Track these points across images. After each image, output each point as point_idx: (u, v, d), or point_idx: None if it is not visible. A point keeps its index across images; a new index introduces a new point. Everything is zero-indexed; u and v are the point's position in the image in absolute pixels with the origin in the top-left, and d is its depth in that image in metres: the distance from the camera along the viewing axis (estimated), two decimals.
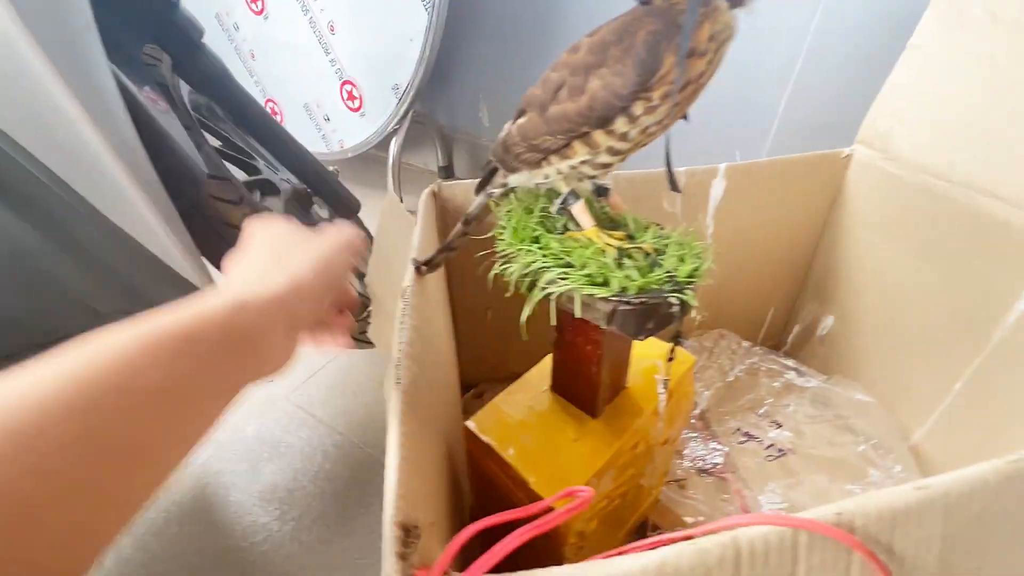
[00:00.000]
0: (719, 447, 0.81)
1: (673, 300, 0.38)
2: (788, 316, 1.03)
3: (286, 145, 0.89)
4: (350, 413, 0.97)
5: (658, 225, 0.47)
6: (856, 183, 0.85)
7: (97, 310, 0.57)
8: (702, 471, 0.80)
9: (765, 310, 0.99)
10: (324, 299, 0.34)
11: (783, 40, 1.12)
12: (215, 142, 0.85)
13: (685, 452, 0.81)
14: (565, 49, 0.39)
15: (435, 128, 1.73)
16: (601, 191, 0.47)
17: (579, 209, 0.42)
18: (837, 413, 0.84)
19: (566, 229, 0.44)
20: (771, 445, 0.82)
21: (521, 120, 0.40)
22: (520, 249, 0.42)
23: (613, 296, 0.37)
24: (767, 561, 0.29)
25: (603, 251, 0.40)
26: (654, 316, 0.38)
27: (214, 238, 0.69)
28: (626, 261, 0.40)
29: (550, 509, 0.32)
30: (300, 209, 0.97)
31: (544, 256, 0.41)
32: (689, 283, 0.39)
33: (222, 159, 0.78)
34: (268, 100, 1.70)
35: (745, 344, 0.96)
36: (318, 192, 0.99)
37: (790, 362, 0.93)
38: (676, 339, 0.41)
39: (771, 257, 0.93)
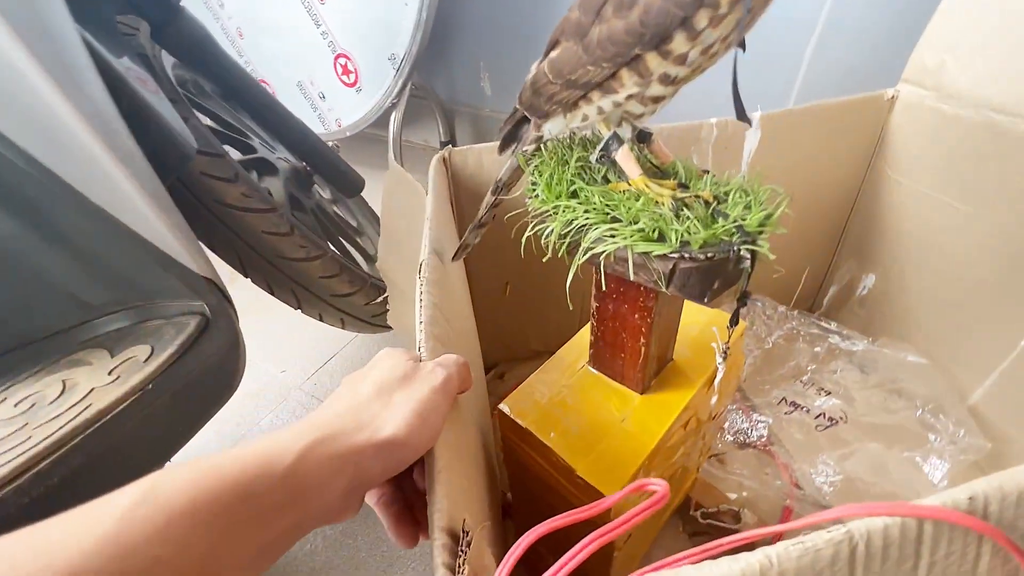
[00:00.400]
0: (762, 419, 0.76)
1: (744, 253, 0.32)
2: (824, 276, 0.97)
3: (282, 120, 0.83)
4: None
5: (708, 172, 0.41)
6: (901, 127, 0.78)
7: (88, 303, 0.53)
8: (744, 445, 0.75)
9: (800, 270, 0.93)
10: (407, 461, 0.29)
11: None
12: (205, 121, 0.79)
13: (725, 426, 0.77)
14: None
15: (435, 102, 1.65)
16: (643, 136, 0.41)
17: (624, 155, 0.36)
18: (888, 377, 0.78)
19: (607, 180, 0.39)
20: (820, 415, 0.76)
21: (554, 53, 0.34)
22: (557, 206, 0.36)
23: (673, 252, 0.32)
24: (886, 556, 0.24)
25: (656, 202, 0.34)
26: (721, 273, 0.33)
27: (207, 219, 0.63)
28: (684, 212, 0.34)
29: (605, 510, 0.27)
30: (300, 189, 0.91)
31: (586, 212, 0.35)
32: (760, 232, 0.33)
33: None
34: (260, 81, 1.62)
35: (781, 308, 0.90)
36: (319, 170, 0.93)
37: (832, 325, 0.87)
38: (743, 299, 0.35)
39: (807, 213, 0.86)
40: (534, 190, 0.39)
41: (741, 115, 0.31)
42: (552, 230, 0.35)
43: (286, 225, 0.67)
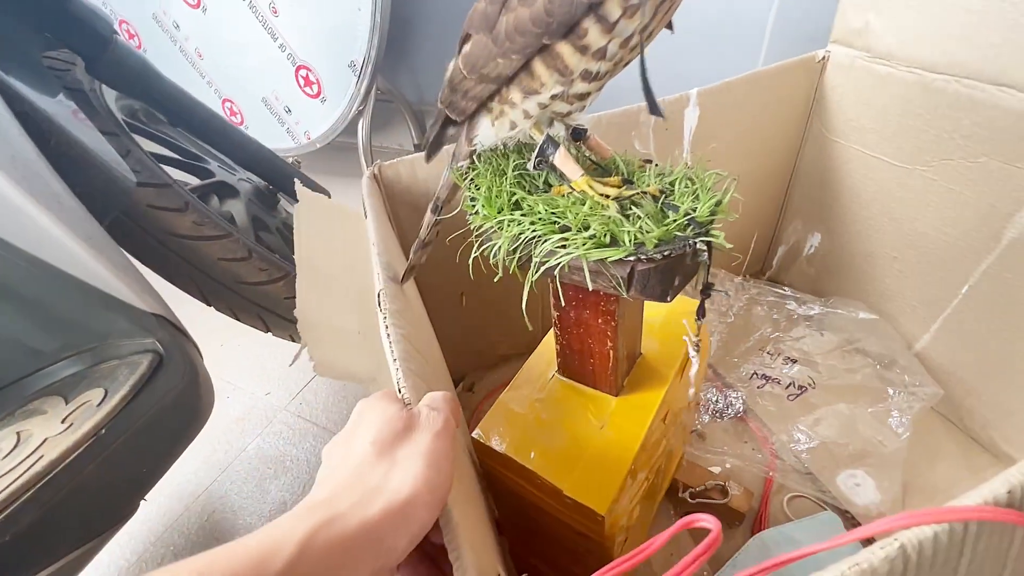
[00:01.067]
0: (736, 394, 0.76)
1: (700, 246, 0.31)
2: (771, 238, 0.96)
3: (235, 141, 0.81)
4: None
5: (650, 162, 0.40)
6: (835, 88, 0.76)
7: (39, 350, 0.51)
8: (719, 418, 0.75)
9: (748, 236, 0.92)
10: (429, 522, 0.25)
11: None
12: (156, 148, 0.78)
13: (701, 405, 0.76)
14: None
15: (403, 104, 1.63)
16: (577, 134, 0.39)
17: (562, 157, 0.35)
18: (845, 337, 0.79)
19: (549, 186, 0.37)
20: (790, 383, 0.76)
21: (466, 48, 0.33)
22: (501, 220, 0.35)
23: (629, 255, 0.31)
24: (934, 563, 0.23)
25: (601, 204, 0.33)
26: (680, 269, 0.32)
27: (160, 251, 0.62)
28: (633, 210, 0.33)
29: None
30: (264, 208, 0.89)
31: (532, 223, 0.33)
32: (711, 222, 0.32)
33: (163, 165, 0.70)
34: (225, 100, 1.60)
35: (737, 280, 0.89)
36: (281, 188, 0.91)
37: (787, 290, 0.87)
38: (706, 291, 0.34)
39: (751, 179, 0.85)
40: (473, 206, 0.37)
41: (653, 108, 0.30)
42: (499, 247, 0.34)
43: (243, 249, 0.65)
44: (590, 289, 0.33)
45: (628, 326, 0.42)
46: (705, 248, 0.32)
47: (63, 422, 0.46)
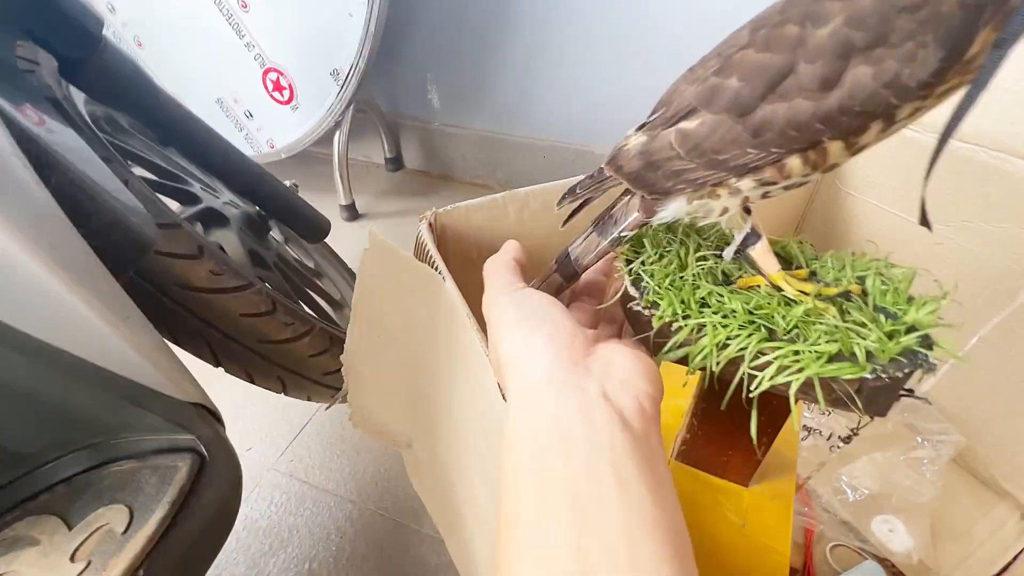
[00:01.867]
0: None
1: (933, 360, 0.28)
2: None
3: (235, 164, 0.69)
4: (357, 474, 0.82)
5: (804, 242, 0.37)
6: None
7: (22, 453, 0.39)
8: None
9: None
10: None
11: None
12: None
13: None
14: (762, 17, 0.26)
15: (377, 115, 1.52)
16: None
17: (763, 250, 0.31)
18: None
19: (725, 276, 0.33)
20: (831, 435, 0.78)
21: (689, 124, 0.28)
22: (692, 320, 0.30)
23: (867, 373, 0.27)
24: None
25: (818, 307, 0.29)
26: (906, 381, 0.29)
27: (168, 308, 0.50)
28: (848, 315, 0.29)
29: None
30: (257, 239, 0.77)
31: (742, 327, 0.29)
32: (929, 328, 0.30)
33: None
34: None
35: None
36: (275, 215, 0.79)
37: None
38: (907, 393, 0.31)
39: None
40: (641, 292, 0.32)
41: (924, 220, 0.27)
42: (703, 353, 0.29)
43: (267, 302, 0.55)
44: (821, 406, 0.29)
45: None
46: (935, 363, 0.29)
47: (72, 559, 0.35)
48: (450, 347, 0.50)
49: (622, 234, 0.33)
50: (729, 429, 0.39)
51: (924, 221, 0.28)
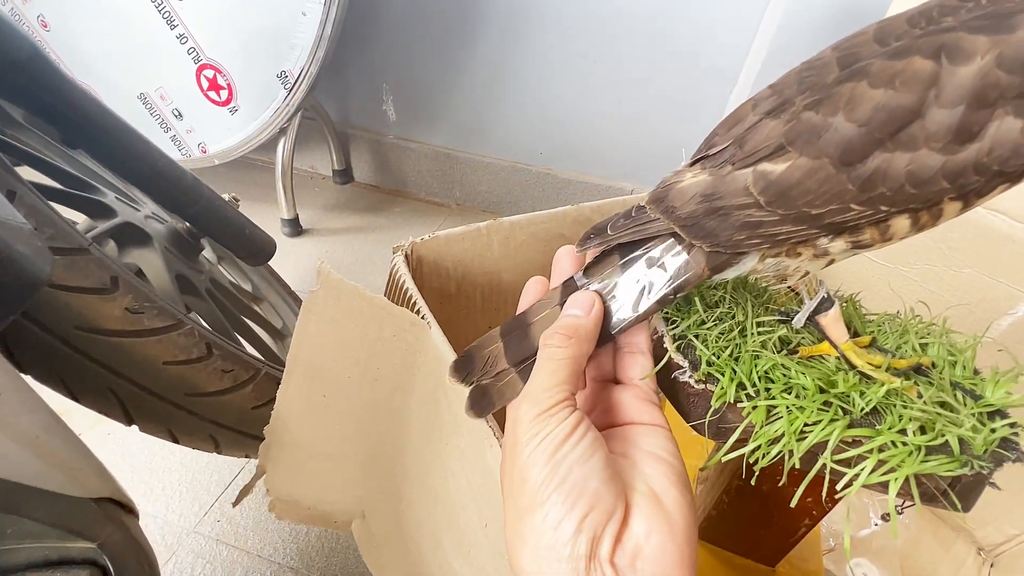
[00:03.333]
0: None
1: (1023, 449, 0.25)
2: None
3: (152, 164, 0.57)
4: (300, 535, 0.71)
5: (854, 300, 0.34)
6: None
7: None
8: None
9: None
10: None
11: (733, 30, 1.06)
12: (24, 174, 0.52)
13: None
14: (857, 43, 0.22)
15: (326, 123, 1.41)
16: None
17: (834, 317, 0.27)
18: None
19: (782, 342, 0.29)
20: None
21: (776, 167, 0.23)
22: (764, 402, 0.25)
23: (965, 467, 0.23)
24: None
25: (898, 387, 0.25)
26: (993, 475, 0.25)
27: (65, 357, 0.39)
28: (926, 393, 0.25)
29: None
30: (186, 261, 0.66)
31: (819, 409, 0.24)
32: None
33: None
34: None
35: None
36: (210, 233, 0.68)
37: None
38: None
39: None
40: (692, 365, 0.27)
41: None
42: (781, 447, 0.24)
43: (199, 345, 0.45)
44: (917, 505, 0.24)
45: None
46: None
47: None
48: (432, 405, 0.42)
49: (677, 292, 0.27)
50: (765, 507, 0.34)
51: None
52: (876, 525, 0.58)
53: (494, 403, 0.29)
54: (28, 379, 0.37)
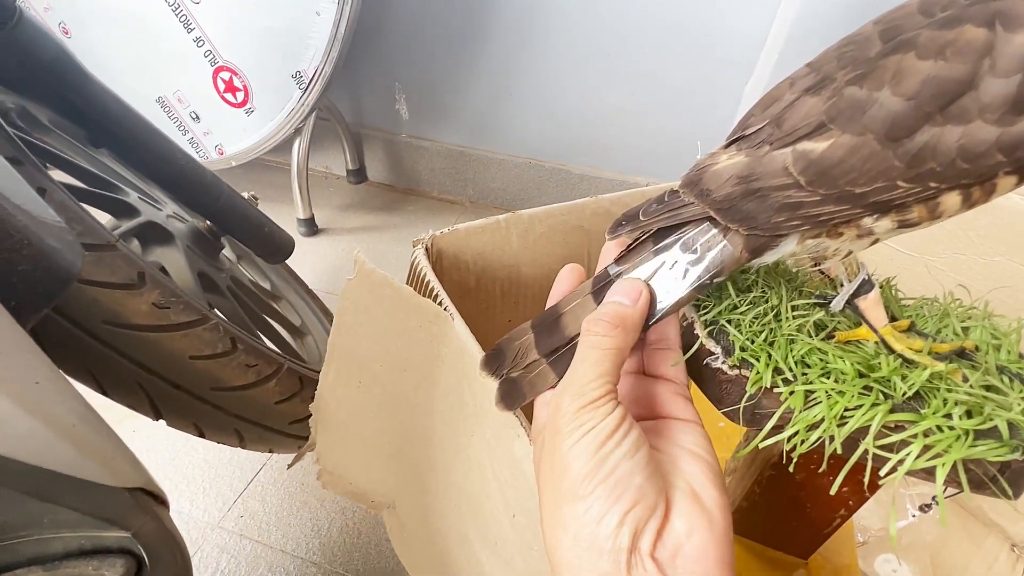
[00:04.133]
0: None
1: None
2: None
3: (175, 163, 0.58)
4: (321, 530, 0.71)
5: (891, 284, 0.33)
6: None
7: None
8: None
9: None
10: None
11: (749, 20, 1.05)
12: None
13: None
14: (903, 13, 0.21)
15: (339, 123, 1.42)
16: None
17: (874, 301, 0.26)
18: None
19: (817, 327, 0.28)
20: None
21: (818, 146, 0.22)
22: (802, 387, 0.24)
23: (1015, 452, 0.22)
24: None
25: (943, 372, 0.25)
26: None
27: (94, 351, 0.40)
28: (972, 377, 0.25)
29: None
30: (208, 259, 0.66)
31: (859, 393, 0.24)
32: None
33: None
34: None
35: None
36: (231, 232, 0.69)
37: None
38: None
39: None
40: (725, 351, 0.26)
41: None
42: (823, 430, 0.23)
43: (224, 340, 0.45)
44: (966, 492, 0.24)
45: None
46: None
47: None
48: (456, 397, 0.42)
49: (715, 278, 0.26)
50: (798, 497, 0.33)
51: None
52: (913, 516, 0.57)
53: (525, 395, 0.28)
54: None
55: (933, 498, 0.37)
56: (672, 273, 0.27)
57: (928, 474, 0.23)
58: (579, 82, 1.23)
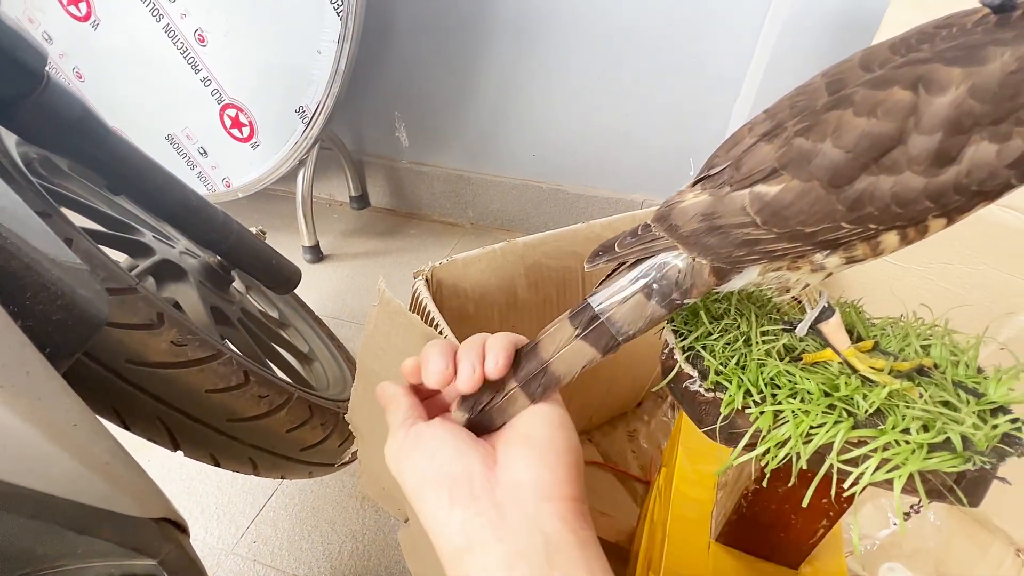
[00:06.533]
0: None
1: None
2: None
3: (188, 205, 0.61)
4: (332, 553, 0.73)
5: (858, 306, 0.35)
6: None
7: None
8: None
9: None
10: None
11: (736, 39, 1.08)
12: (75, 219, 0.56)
13: None
14: (846, 70, 0.24)
15: (342, 152, 1.46)
16: None
17: (836, 325, 0.28)
18: None
19: (787, 350, 0.30)
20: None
21: (770, 189, 0.25)
22: (771, 407, 0.27)
23: (968, 463, 0.24)
24: None
25: (900, 388, 0.27)
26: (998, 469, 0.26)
27: (116, 389, 0.42)
28: (928, 394, 0.27)
29: None
30: (219, 293, 0.69)
31: (823, 412, 0.26)
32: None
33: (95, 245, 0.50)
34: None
35: None
36: (240, 266, 0.72)
37: None
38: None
39: None
40: (701, 374, 0.29)
41: None
42: (789, 448, 0.25)
43: (238, 373, 0.48)
44: (924, 503, 0.26)
45: None
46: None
47: None
48: None
49: (685, 301, 0.28)
50: (781, 509, 0.35)
51: None
52: (895, 524, 0.58)
53: (495, 422, 0.29)
54: None
55: (911, 506, 0.38)
56: (644, 295, 0.29)
57: (890, 484, 0.25)
58: (573, 104, 1.27)
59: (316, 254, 1.35)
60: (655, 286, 0.29)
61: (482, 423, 0.30)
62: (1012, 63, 0.19)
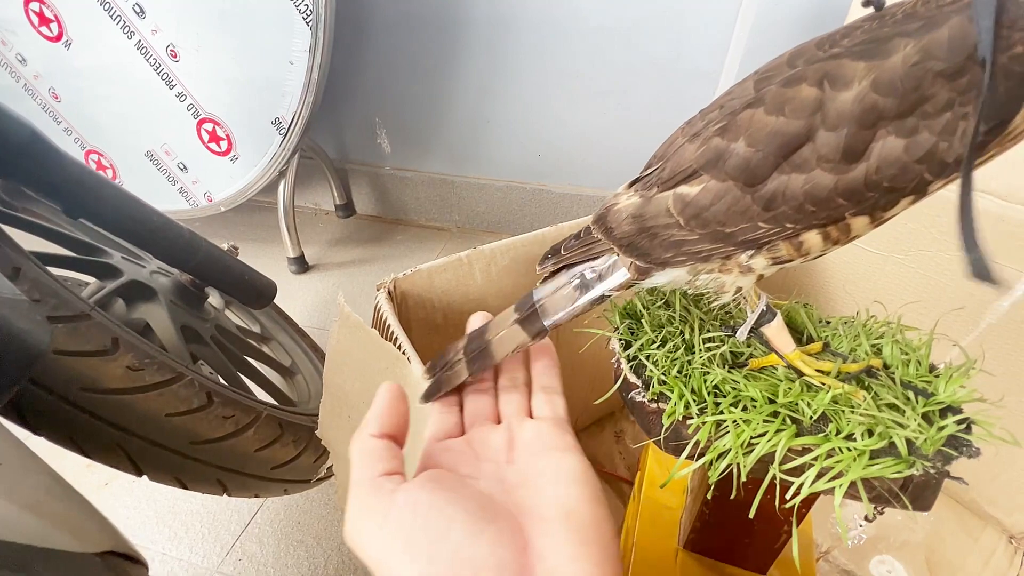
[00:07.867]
0: None
1: (976, 446, 0.25)
2: None
3: (149, 225, 0.60)
4: (318, 567, 0.72)
5: (810, 306, 0.34)
6: None
7: None
8: None
9: None
10: None
11: (711, 32, 1.07)
12: (28, 243, 0.55)
13: None
14: (768, 69, 0.23)
15: (324, 162, 1.46)
16: None
17: (778, 328, 0.27)
18: None
19: (733, 355, 0.29)
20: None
21: (691, 190, 0.24)
22: (713, 418, 0.26)
23: (914, 467, 0.24)
24: None
25: (845, 392, 0.26)
26: (947, 472, 0.25)
27: (71, 418, 0.42)
28: (873, 395, 0.26)
29: None
30: (191, 311, 0.69)
31: (764, 420, 0.25)
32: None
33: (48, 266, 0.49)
34: (90, 151, 1.29)
35: None
36: (212, 283, 0.71)
37: None
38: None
39: None
40: (645, 384, 0.28)
41: (981, 271, 0.23)
42: (730, 459, 0.25)
43: (199, 395, 0.47)
44: (868, 513, 0.25)
45: None
46: (979, 449, 0.26)
47: None
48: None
49: (606, 294, 0.28)
50: (743, 516, 0.35)
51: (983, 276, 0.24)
52: (861, 526, 0.57)
53: (441, 387, 0.30)
54: (36, 440, 0.39)
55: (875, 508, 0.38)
56: (575, 287, 0.30)
57: (833, 493, 0.25)
58: (552, 104, 1.26)
59: (301, 265, 1.35)
60: (579, 276, 0.30)
61: (438, 385, 0.31)
62: (914, 55, 0.18)
